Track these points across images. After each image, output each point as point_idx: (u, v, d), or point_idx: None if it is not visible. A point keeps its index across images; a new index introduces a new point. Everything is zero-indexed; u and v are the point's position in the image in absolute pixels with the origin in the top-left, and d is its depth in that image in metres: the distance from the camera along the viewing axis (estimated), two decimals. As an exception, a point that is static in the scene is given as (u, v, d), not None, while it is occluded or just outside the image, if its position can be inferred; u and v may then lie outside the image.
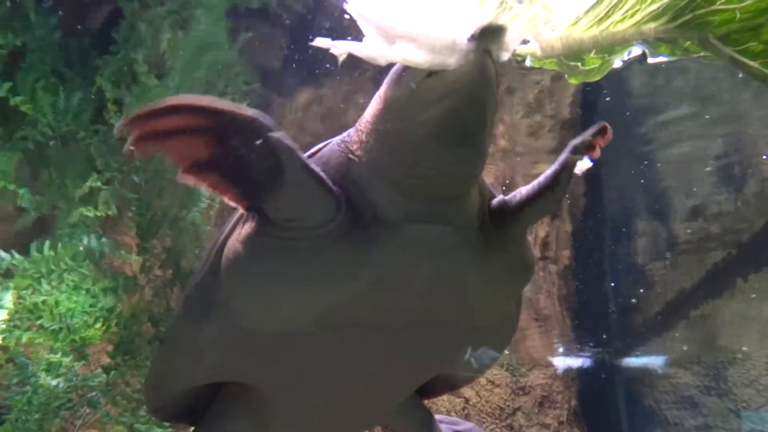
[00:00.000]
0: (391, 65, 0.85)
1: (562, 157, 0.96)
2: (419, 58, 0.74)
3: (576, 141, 0.98)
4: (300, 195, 0.80)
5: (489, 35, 0.76)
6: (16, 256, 2.25)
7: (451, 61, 0.74)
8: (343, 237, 0.82)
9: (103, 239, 2.43)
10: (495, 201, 0.94)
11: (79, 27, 2.18)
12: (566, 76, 1.06)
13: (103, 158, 2.14)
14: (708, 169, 3.57)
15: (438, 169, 0.81)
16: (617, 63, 1.01)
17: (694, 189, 3.72)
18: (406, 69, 0.82)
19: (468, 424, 1.48)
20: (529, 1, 0.81)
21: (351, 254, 0.82)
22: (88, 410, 2.03)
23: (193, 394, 1.08)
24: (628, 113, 3.58)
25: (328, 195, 0.81)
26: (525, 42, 0.89)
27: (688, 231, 3.82)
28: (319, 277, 0.83)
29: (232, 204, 0.83)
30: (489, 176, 2.31)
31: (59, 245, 2.27)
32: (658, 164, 3.71)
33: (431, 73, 0.78)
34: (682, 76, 3.14)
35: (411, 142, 0.80)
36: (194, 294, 0.97)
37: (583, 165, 1.00)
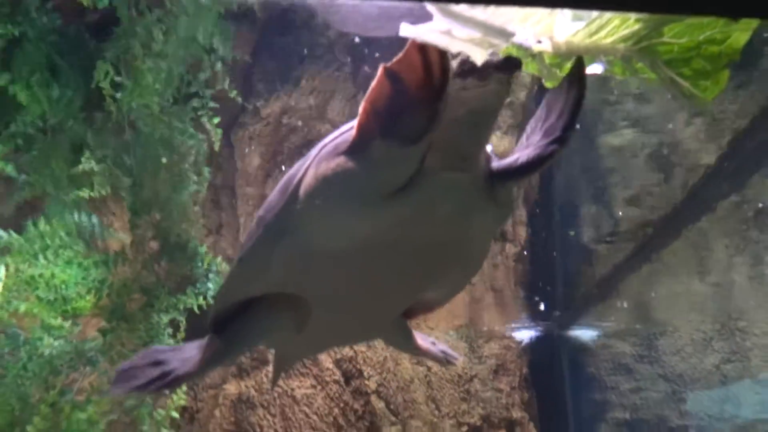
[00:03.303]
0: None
1: (548, 148, 1.20)
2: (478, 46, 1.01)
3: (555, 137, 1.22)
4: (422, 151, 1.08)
5: (511, 67, 1.09)
6: (13, 234, 2.40)
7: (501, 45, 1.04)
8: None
9: (93, 218, 2.59)
10: (496, 162, 1.26)
11: (76, 22, 2.32)
12: (543, 80, 1.37)
13: (98, 141, 2.31)
14: (646, 163, 3.99)
15: (460, 141, 1.15)
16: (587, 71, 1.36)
17: (633, 179, 4.14)
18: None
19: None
20: (550, 13, 1.14)
21: (403, 193, 1.12)
22: (87, 369, 2.23)
23: (238, 308, 1.35)
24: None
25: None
26: (539, 42, 1.21)
27: (628, 215, 4.23)
28: (383, 210, 1.12)
29: (367, 122, 1.06)
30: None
31: (53, 223, 2.43)
32: (602, 157, 4.12)
33: (464, 88, 1.09)
34: (625, 83, 3.51)
35: (446, 126, 1.08)
36: (273, 220, 1.21)
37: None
